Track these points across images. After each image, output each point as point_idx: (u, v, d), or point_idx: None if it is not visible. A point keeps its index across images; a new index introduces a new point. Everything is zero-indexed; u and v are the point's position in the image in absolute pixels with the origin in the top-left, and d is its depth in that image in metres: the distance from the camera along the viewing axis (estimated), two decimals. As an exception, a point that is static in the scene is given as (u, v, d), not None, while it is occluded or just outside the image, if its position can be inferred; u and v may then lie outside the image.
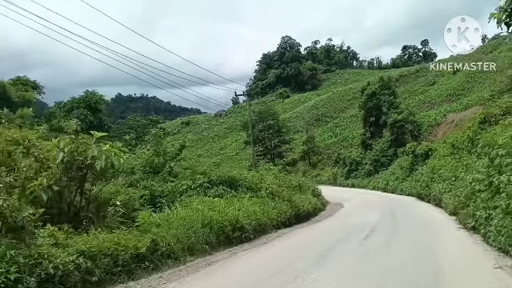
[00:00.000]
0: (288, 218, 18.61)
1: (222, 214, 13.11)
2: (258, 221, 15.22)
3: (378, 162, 50.18)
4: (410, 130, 48.90)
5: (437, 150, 34.69)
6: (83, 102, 36.86)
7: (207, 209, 12.91)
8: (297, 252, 12.10)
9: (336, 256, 11.17)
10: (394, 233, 15.19)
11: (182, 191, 15.93)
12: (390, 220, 19.36)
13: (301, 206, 20.88)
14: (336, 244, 12.87)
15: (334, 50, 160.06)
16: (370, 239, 13.75)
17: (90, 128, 36.04)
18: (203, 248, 11.29)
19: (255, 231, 14.57)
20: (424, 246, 12.18)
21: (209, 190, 17.13)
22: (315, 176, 65.42)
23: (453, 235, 14.12)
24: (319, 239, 14.57)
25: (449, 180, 23.26)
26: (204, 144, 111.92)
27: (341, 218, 22.19)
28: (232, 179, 18.72)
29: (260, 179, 20.52)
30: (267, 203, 17.96)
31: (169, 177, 17.17)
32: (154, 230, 10.98)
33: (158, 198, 14.72)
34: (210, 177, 17.89)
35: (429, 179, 28.49)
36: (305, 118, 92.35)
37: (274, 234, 15.65)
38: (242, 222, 13.65)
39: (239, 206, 14.78)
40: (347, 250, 12.02)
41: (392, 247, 12.24)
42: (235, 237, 13.17)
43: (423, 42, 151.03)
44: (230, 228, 13.00)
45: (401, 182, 38.57)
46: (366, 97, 57.23)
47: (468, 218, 14.44)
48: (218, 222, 12.55)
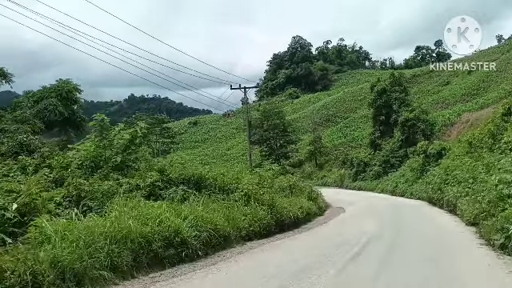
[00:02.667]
0: (265, 227, 15.06)
1: (153, 225, 9.56)
2: (218, 232, 11.68)
3: (387, 163, 46.78)
4: (422, 130, 45.62)
5: (451, 150, 31.15)
6: (54, 91, 33.65)
7: (128, 217, 9.31)
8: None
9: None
10: (391, 252, 11.41)
11: (123, 191, 12.42)
12: (391, 232, 15.49)
13: (285, 211, 17.28)
14: (304, 272, 8.94)
15: (345, 50, 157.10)
16: (356, 262, 10.04)
17: (61, 120, 32.92)
18: (101, 276, 7.67)
19: (207, 246, 11.02)
20: (430, 281, 8.33)
21: (165, 191, 13.73)
22: (321, 178, 62.94)
23: (474, 258, 10.36)
24: (287, 261, 10.43)
25: (465, 182, 19.81)
26: (211, 144, 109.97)
27: (335, 227, 18.66)
28: (199, 178, 15.23)
29: (235, 178, 16.98)
30: (238, 208, 14.45)
31: (113, 173, 13.74)
32: (46, 246, 7.60)
33: (84, 200, 11.26)
34: (170, 175, 14.43)
35: (442, 181, 25.00)
36: (314, 119, 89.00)
37: (235, 250, 12.01)
38: (184, 234, 10.09)
39: (189, 212, 11.19)
40: (313, 285, 8.18)
41: (382, 279, 8.51)
42: (168, 256, 9.59)
43: (437, 43, 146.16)
44: (162, 243, 9.42)
45: (410, 185, 35.31)
46: (376, 94, 54.09)
47: (494, 231, 10.76)
48: (141, 236, 8.98)
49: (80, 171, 13.39)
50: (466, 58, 61.46)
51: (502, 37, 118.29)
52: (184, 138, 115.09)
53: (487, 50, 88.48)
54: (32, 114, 30.92)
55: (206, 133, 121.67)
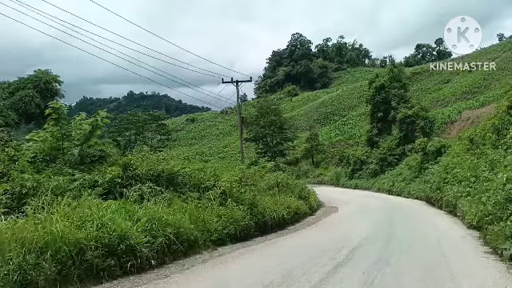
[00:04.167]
0: (243, 230, 13.44)
1: (92, 229, 7.91)
2: (180, 236, 10.07)
3: (384, 161, 45.00)
4: (422, 127, 43.77)
5: (451, 147, 29.52)
6: (31, 82, 31.86)
7: (61, 219, 7.65)
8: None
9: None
10: (378, 267, 9.15)
11: (76, 188, 10.79)
12: (382, 238, 13.62)
13: (268, 211, 15.66)
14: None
15: (345, 48, 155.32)
16: (336, 274, 8.37)
17: (39, 113, 31.09)
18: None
19: (165, 254, 9.38)
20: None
21: (129, 189, 12.08)
22: (317, 176, 61.57)
23: (480, 273, 8.34)
24: (253, 274, 8.82)
25: (466, 181, 18.21)
26: (208, 141, 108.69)
27: (324, 229, 17.10)
28: (170, 174, 13.60)
29: (213, 175, 15.37)
30: (212, 208, 12.86)
31: (68, 168, 12.12)
32: None
33: (26, 198, 9.67)
34: (135, 170, 12.78)
35: (441, 180, 23.40)
36: (312, 116, 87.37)
37: (200, 257, 10.32)
38: (132, 240, 8.43)
39: (143, 213, 9.54)
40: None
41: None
42: (107, 267, 7.93)
43: (437, 41, 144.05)
44: (100, 252, 7.78)
45: (408, 184, 33.72)
46: (374, 90, 52.18)
47: (502, 239, 9.11)
48: (71, 243, 7.31)
49: (30, 165, 11.75)
50: (467, 56, 60.53)
51: (504, 35, 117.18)
52: (181, 135, 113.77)
53: (489, 49, 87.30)
54: (6, 105, 29.23)
55: (203, 130, 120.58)
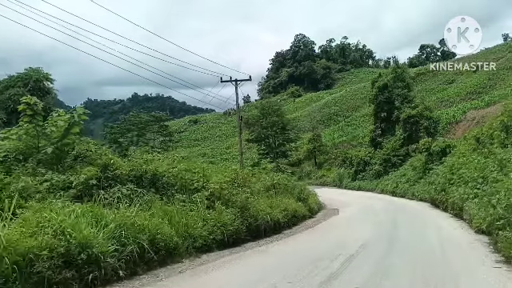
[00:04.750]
0: (232, 235, 12.46)
1: (47, 236, 6.92)
2: (157, 243, 9.10)
3: (388, 162, 44.06)
4: (426, 127, 42.84)
5: (456, 147, 28.47)
6: (21, 80, 30.96)
7: (16, 224, 6.68)
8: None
9: None
10: (377, 274, 8.53)
11: (42, 190, 9.85)
12: (383, 242, 12.64)
13: (261, 215, 14.68)
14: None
15: (349, 49, 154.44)
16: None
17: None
18: None
19: (137, 264, 8.38)
20: None
21: (108, 191, 11.11)
22: (320, 177, 60.67)
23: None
24: (237, 285, 7.97)
25: (473, 182, 17.26)
26: (211, 143, 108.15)
27: (321, 233, 16.14)
28: (153, 175, 12.65)
29: (202, 176, 14.38)
30: (198, 212, 11.90)
31: (41, 168, 11.18)
32: None
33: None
34: (115, 170, 11.81)
35: (446, 181, 22.37)
36: (315, 117, 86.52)
37: (179, 267, 9.28)
38: (95, 249, 7.39)
39: (113, 218, 8.55)
40: None
41: None
42: (62, 280, 6.81)
43: (441, 42, 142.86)
44: (54, 263, 6.70)
45: (412, 185, 32.71)
46: (377, 90, 51.03)
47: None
48: (18, 253, 6.25)
49: (0, 165, 10.82)
50: (470, 56, 59.63)
51: (509, 35, 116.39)
52: (184, 137, 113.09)
53: (493, 49, 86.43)
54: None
55: (205, 131, 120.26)
